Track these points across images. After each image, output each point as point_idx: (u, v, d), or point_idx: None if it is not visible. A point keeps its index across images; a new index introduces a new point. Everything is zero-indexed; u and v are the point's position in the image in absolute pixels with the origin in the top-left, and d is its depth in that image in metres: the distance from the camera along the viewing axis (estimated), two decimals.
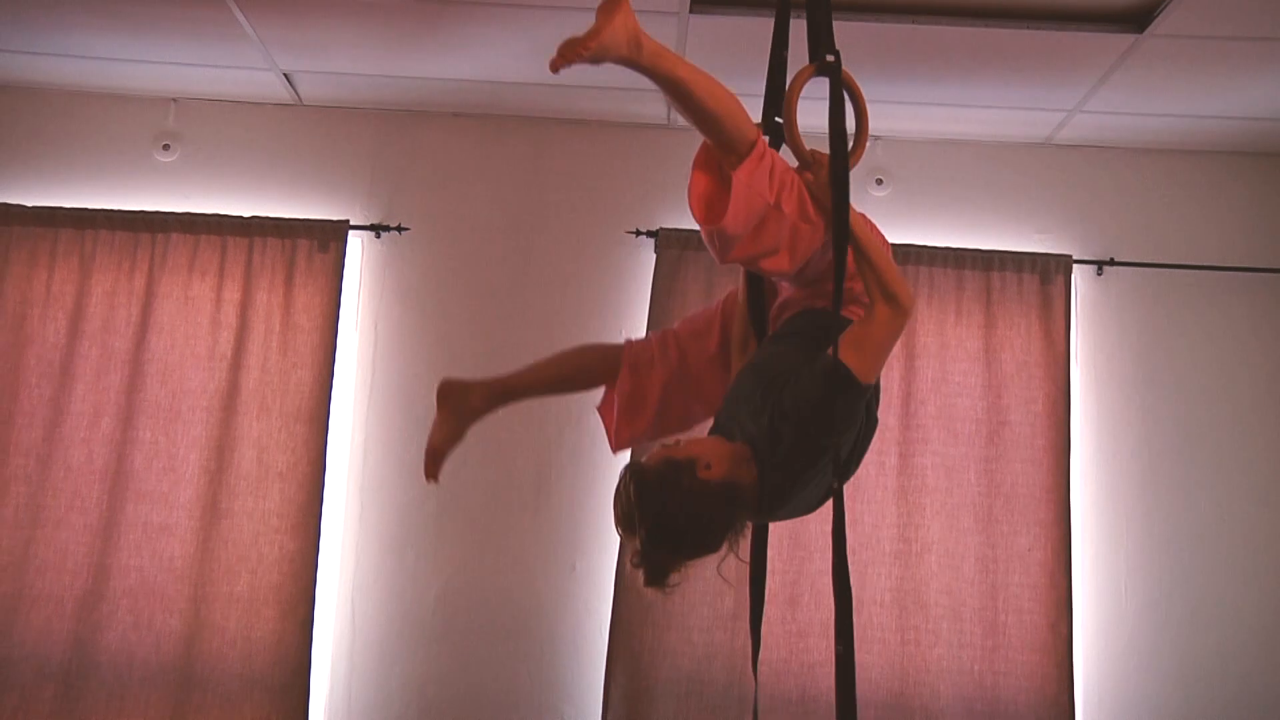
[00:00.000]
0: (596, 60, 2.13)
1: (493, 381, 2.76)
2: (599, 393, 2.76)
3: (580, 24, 2.12)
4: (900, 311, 2.30)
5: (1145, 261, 4.50)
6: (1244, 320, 4.49)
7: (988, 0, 3.57)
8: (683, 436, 2.40)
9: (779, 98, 2.44)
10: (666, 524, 2.21)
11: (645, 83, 2.21)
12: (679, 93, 2.21)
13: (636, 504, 2.21)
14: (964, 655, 4.22)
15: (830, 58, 2.36)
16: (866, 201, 4.55)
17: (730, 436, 2.34)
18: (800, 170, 2.35)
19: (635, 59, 2.16)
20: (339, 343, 4.39)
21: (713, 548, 2.28)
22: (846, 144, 2.32)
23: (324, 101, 4.60)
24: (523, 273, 4.51)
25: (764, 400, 2.29)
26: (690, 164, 2.30)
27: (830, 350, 2.24)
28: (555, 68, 2.12)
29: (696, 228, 4.70)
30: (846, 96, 2.39)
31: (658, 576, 2.26)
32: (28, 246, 4.40)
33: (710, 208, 2.28)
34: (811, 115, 2.40)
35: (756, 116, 2.39)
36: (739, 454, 2.29)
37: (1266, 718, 4.27)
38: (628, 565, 2.27)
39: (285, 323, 4.37)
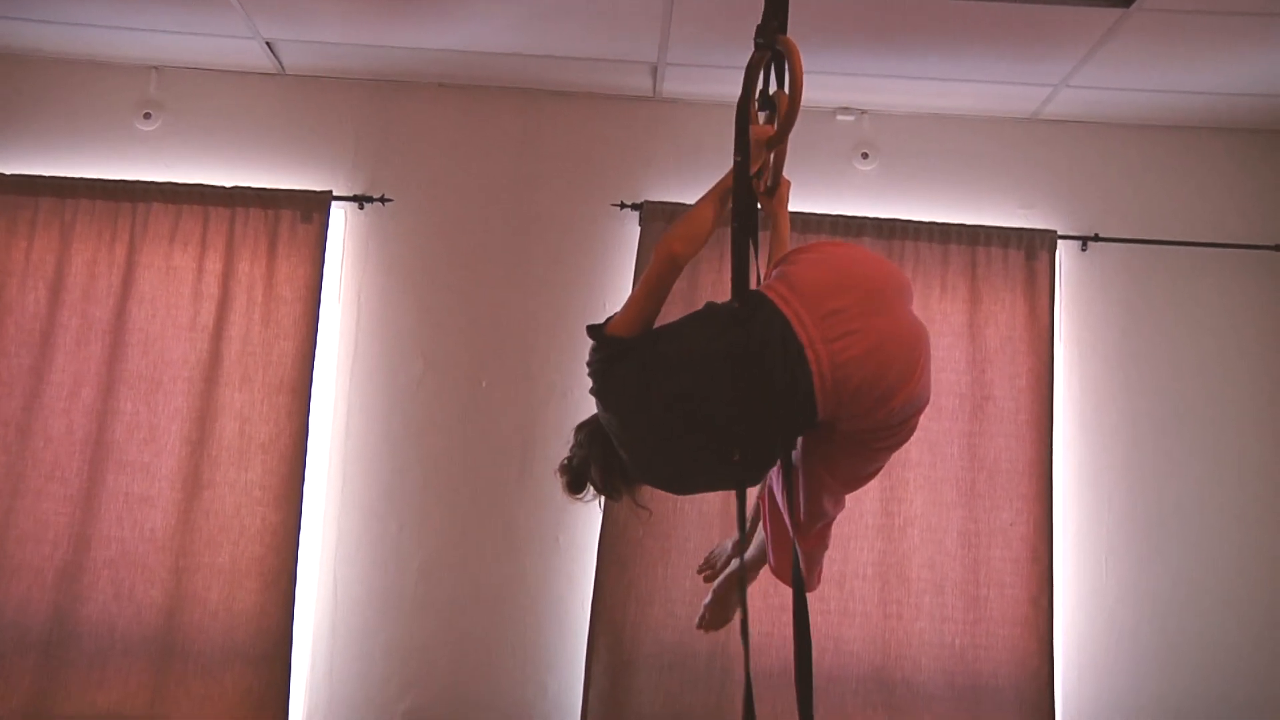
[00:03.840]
0: None
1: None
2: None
3: None
4: (656, 251, 2.23)
5: (1130, 237, 4.50)
6: (1229, 296, 4.50)
7: None
8: None
9: (767, 72, 2.38)
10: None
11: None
12: None
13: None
14: (945, 629, 4.24)
15: (760, 39, 2.26)
16: (853, 176, 4.55)
17: None
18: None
19: None
20: (322, 314, 4.37)
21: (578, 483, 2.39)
22: (748, 124, 2.22)
23: (307, 71, 4.55)
24: (506, 244, 4.49)
25: None
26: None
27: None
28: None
29: (681, 201, 4.68)
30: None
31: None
32: (7, 215, 4.36)
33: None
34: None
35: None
36: None
37: (1245, 691, 4.30)
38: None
39: (268, 294, 4.34)
